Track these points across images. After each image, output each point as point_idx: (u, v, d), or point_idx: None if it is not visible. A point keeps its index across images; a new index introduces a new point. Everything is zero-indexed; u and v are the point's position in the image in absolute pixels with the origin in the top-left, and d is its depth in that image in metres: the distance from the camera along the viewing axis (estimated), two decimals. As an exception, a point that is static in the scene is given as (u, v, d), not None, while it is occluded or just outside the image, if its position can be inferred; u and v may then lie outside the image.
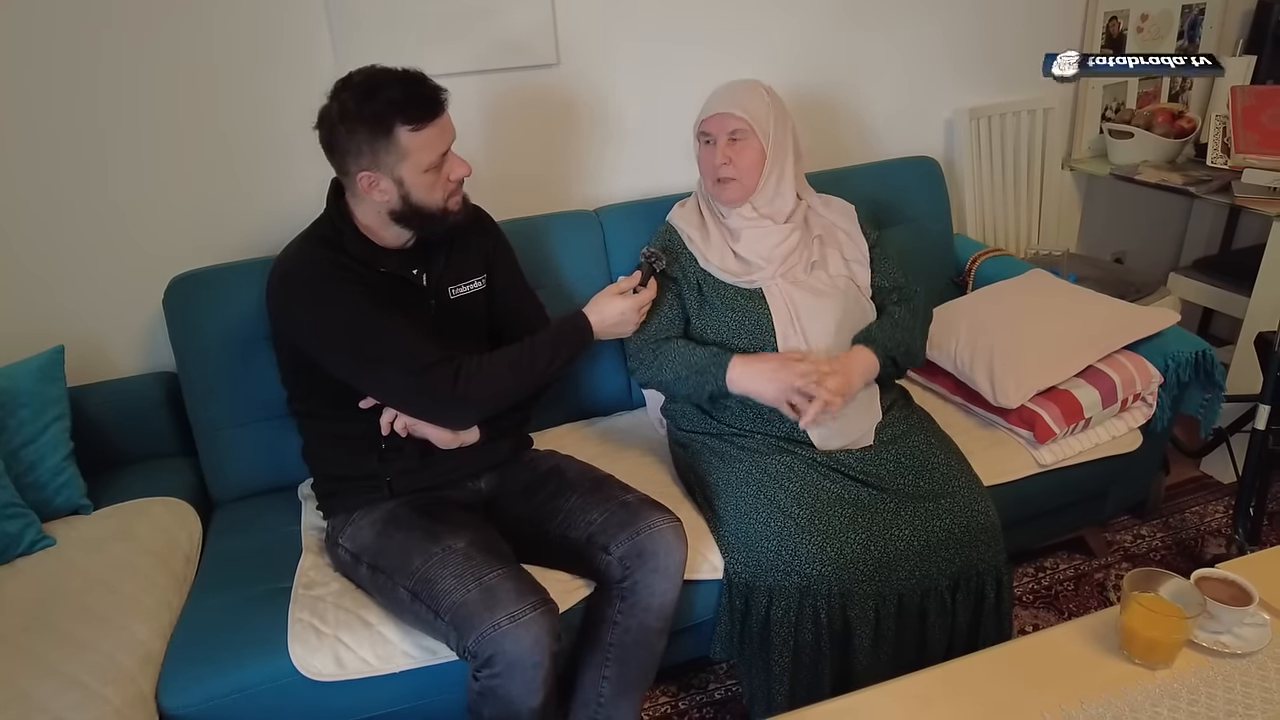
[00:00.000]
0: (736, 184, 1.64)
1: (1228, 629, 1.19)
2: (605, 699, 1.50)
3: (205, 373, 1.71)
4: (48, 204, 1.74)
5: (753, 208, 1.68)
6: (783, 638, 1.49)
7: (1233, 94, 2.30)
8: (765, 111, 1.63)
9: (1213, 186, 2.32)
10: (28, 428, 1.59)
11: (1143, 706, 1.10)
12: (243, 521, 1.71)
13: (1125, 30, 2.54)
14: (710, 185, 1.69)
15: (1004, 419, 1.83)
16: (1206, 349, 1.89)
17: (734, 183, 1.64)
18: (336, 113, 1.35)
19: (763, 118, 1.62)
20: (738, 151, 1.62)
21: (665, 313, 1.69)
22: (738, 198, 1.67)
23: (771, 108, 1.64)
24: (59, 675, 1.26)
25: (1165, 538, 2.19)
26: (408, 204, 1.40)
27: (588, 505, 1.49)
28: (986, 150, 2.47)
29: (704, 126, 1.66)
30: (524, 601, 1.28)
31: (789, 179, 1.69)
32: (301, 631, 1.39)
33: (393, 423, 1.49)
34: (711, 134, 1.64)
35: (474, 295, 1.58)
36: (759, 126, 1.62)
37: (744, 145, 1.63)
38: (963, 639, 1.60)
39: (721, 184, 1.66)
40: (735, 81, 1.69)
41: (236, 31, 1.75)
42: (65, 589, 1.42)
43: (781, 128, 1.66)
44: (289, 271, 1.45)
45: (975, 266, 2.24)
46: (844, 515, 1.51)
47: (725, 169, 1.63)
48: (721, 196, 1.68)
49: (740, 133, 1.62)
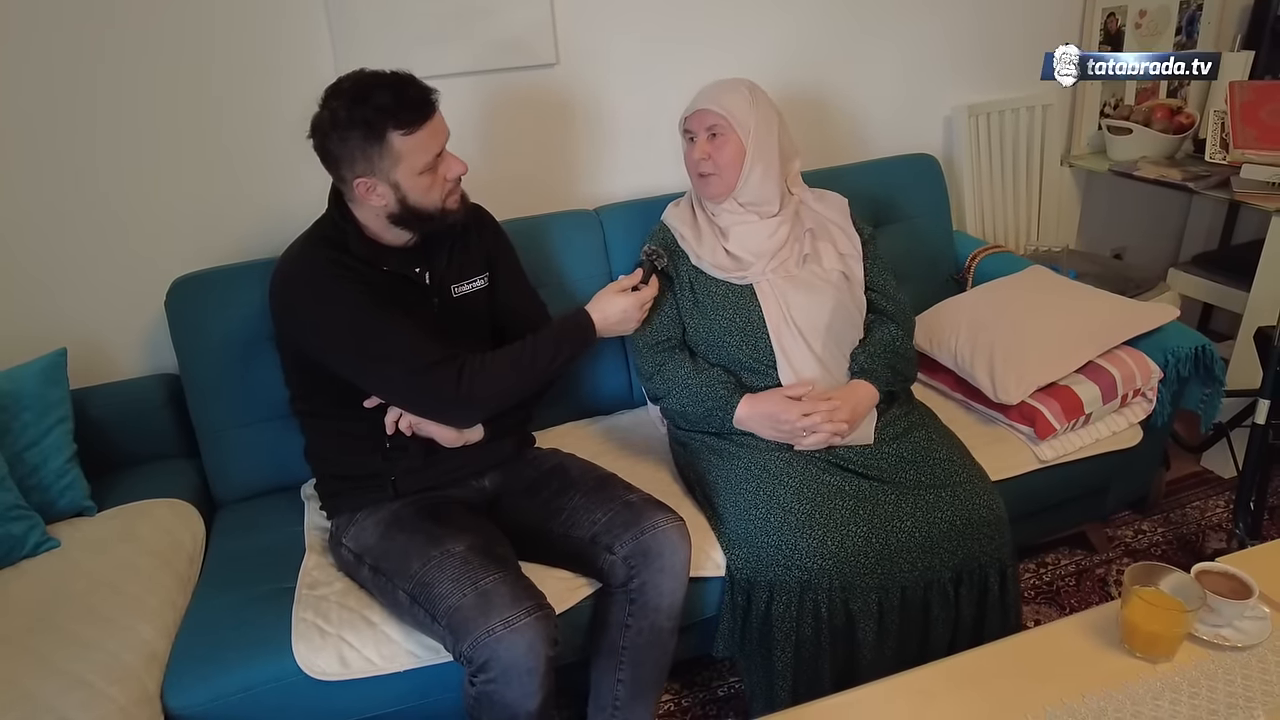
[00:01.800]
0: (717, 179, 1.67)
1: (1228, 622, 1.20)
2: (621, 702, 1.50)
3: (207, 374, 1.72)
4: (49, 207, 1.74)
5: (737, 203, 1.70)
6: (784, 633, 1.50)
7: (1231, 89, 2.30)
8: (745, 109, 1.65)
9: (1212, 182, 2.32)
10: (31, 430, 1.59)
11: (1144, 700, 1.11)
12: (246, 522, 1.71)
13: (1123, 26, 2.54)
14: (694, 181, 1.72)
15: (1004, 415, 1.83)
16: (1206, 344, 1.90)
17: (714, 178, 1.67)
18: (328, 121, 1.35)
19: (742, 115, 1.64)
20: (716, 147, 1.65)
21: (667, 311, 1.70)
22: (719, 193, 1.69)
23: (754, 105, 1.66)
24: (64, 675, 1.26)
25: (1166, 533, 2.19)
26: (406, 207, 1.40)
27: (591, 504, 1.50)
28: (985, 147, 2.48)
29: (686, 124, 1.69)
30: (519, 607, 1.28)
31: (774, 176, 1.69)
32: (305, 631, 1.40)
33: (397, 422, 1.49)
34: (693, 130, 1.67)
35: (476, 294, 1.58)
36: (737, 123, 1.64)
37: (723, 141, 1.65)
38: (967, 632, 1.60)
39: (703, 179, 1.68)
40: (719, 80, 1.71)
41: (236, 32, 1.75)
42: (70, 590, 1.43)
43: (765, 125, 1.66)
44: (292, 272, 1.45)
45: (975, 263, 2.25)
46: (844, 508, 1.52)
47: (704, 164, 1.66)
48: (704, 192, 1.71)
49: (719, 129, 1.64)
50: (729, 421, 1.62)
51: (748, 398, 1.63)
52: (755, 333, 1.65)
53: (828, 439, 1.58)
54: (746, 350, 1.65)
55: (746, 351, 1.65)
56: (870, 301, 1.74)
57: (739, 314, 1.66)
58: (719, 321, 1.67)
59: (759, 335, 1.65)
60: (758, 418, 1.61)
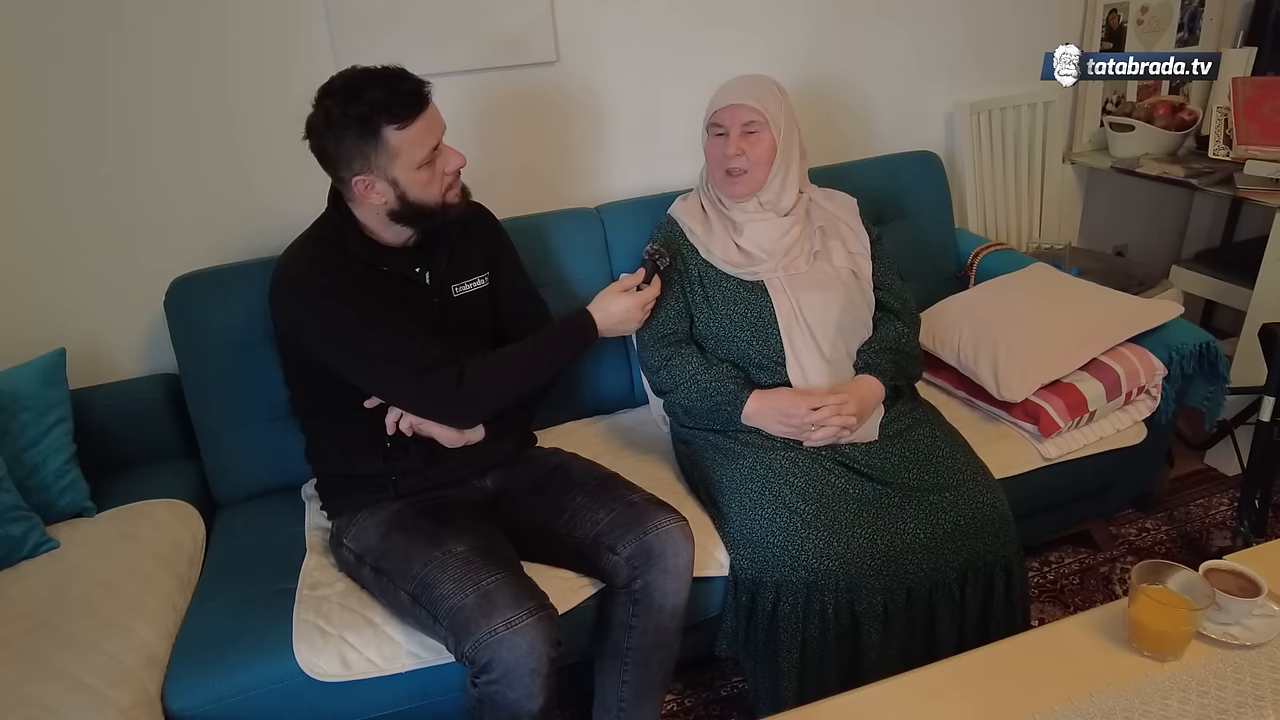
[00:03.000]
0: (747, 176, 1.65)
1: (1236, 620, 1.19)
2: (626, 703, 1.50)
3: (207, 374, 1.71)
4: (48, 207, 1.73)
5: (758, 201, 1.69)
6: (790, 634, 1.49)
7: (1234, 86, 2.30)
8: (777, 106, 1.65)
9: (1214, 179, 2.31)
10: (30, 431, 1.58)
11: (1152, 699, 1.10)
12: (246, 523, 1.71)
13: (1125, 23, 2.54)
14: (718, 178, 1.69)
15: (1008, 413, 1.82)
16: (1210, 341, 1.89)
17: (745, 175, 1.65)
18: (322, 121, 1.34)
19: (774, 112, 1.64)
20: (751, 144, 1.63)
21: (671, 305, 1.69)
22: (745, 192, 1.67)
23: (782, 103, 1.66)
24: (65, 677, 1.25)
25: (1170, 531, 2.18)
26: (405, 203, 1.39)
27: (594, 505, 1.49)
28: (987, 144, 2.47)
29: (716, 118, 1.65)
30: (521, 607, 1.27)
31: (794, 176, 1.70)
32: (306, 632, 1.39)
33: (398, 422, 1.48)
34: (724, 125, 1.64)
35: (477, 293, 1.57)
36: (772, 120, 1.63)
37: (757, 138, 1.63)
38: (973, 631, 1.59)
39: (731, 177, 1.66)
40: (747, 75, 1.69)
41: (235, 32, 1.74)
42: (70, 591, 1.42)
43: (790, 124, 1.68)
44: (291, 272, 1.44)
45: (977, 261, 2.24)
46: (849, 510, 1.51)
47: (737, 160, 1.63)
48: (730, 191, 1.68)
49: (755, 125, 1.63)
50: (737, 416, 1.61)
51: (757, 393, 1.62)
52: (766, 328, 1.64)
53: (836, 434, 1.57)
54: (757, 346, 1.65)
55: (757, 347, 1.65)
56: (877, 300, 1.73)
57: (750, 309, 1.65)
58: (730, 316, 1.66)
59: (769, 331, 1.64)
60: (768, 411, 1.60)
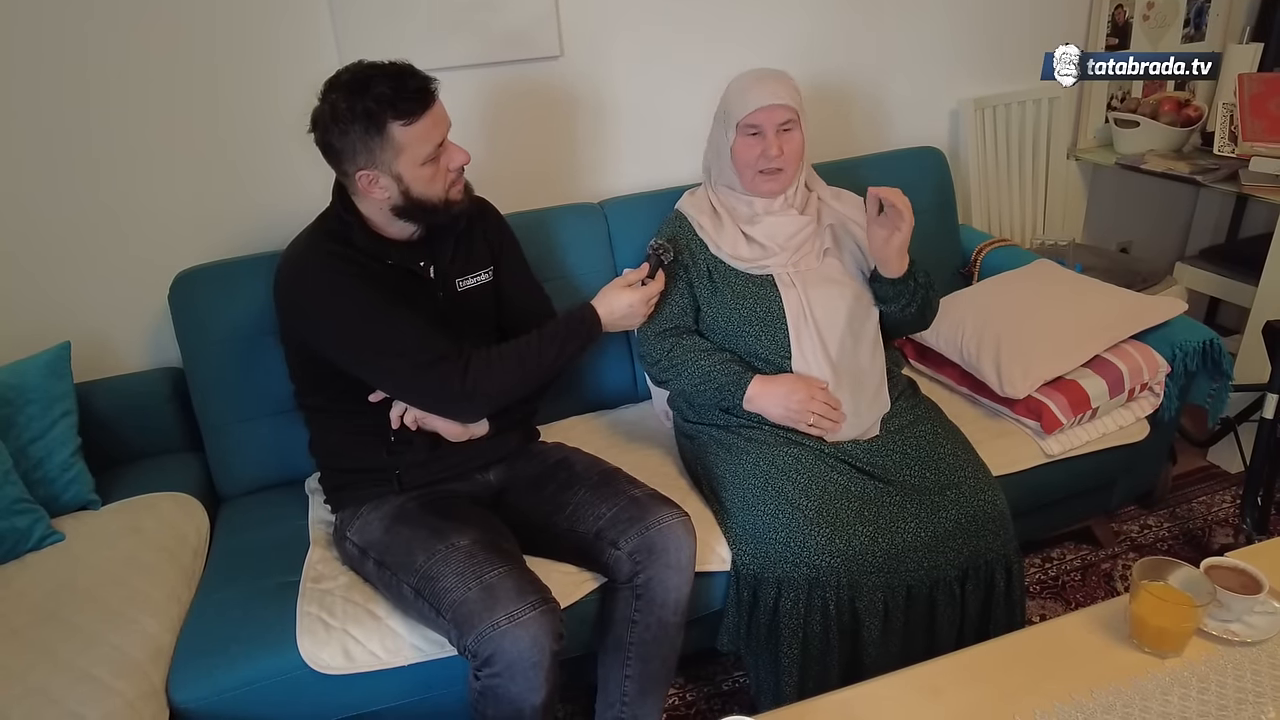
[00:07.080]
0: (783, 174, 1.65)
1: (1238, 617, 1.19)
2: (630, 697, 1.50)
3: (211, 368, 1.72)
4: (52, 201, 1.74)
5: (784, 199, 1.69)
6: (792, 629, 1.49)
7: (1240, 81, 2.29)
8: (801, 101, 1.65)
9: (1220, 175, 2.31)
10: (35, 424, 1.59)
11: (1153, 695, 1.10)
12: (250, 516, 1.71)
13: (1131, 19, 2.53)
14: (749, 178, 1.67)
15: (1011, 409, 1.82)
16: (1214, 338, 1.89)
17: (781, 173, 1.65)
18: (328, 114, 1.34)
19: (800, 107, 1.64)
20: (786, 141, 1.63)
21: (676, 300, 1.69)
22: (779, 189, 1.68)
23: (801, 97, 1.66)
24: (71, 669, 1.26)
25: (1172, 528, 2.18)
26: (409, 199, 1.40)
27: (596, 499, 1.49)
28: (992, 140, 2.47)
29: (751, 119, 1.62)
30: (523, 601, 1.28)
31: (807, 169, 1.72)
32: (310, 625, 1.40)
33: (402, 416, 1.49)
34: (760, 125, 1.62)
35: (481, 287, 1.57)
36: (803, 116, 1.64)
37: (790, 135, 1.63)
38: (973, 628, 1.60)
39: (766, 175, 1.65)
40: (768, 71, 1.66)
41: (240, 27, 1.74)
42: (75, 584, 1.43)
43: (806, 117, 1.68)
44: (296, 266, 1.45)
45: (981, 257, 2.24)
46: (851, 508, 1.51)
47: (778, 160, 1.62)
48: (763, 189, 1.67)
49: (790, 123, 1.63)
50: (740, 396, 1.61)
51: (759, 377, 1.62)
52: (774, 323, 1.64)
53: (822, 432, 1.59)
54: (765, 340, 1.65)
55: (764, 342, 1.65)
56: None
57: (759, 304, 1.65)
58: (738, 311, 1.66)
59: (778, 326, 1.64)
60: (770, 395, 1.60)
